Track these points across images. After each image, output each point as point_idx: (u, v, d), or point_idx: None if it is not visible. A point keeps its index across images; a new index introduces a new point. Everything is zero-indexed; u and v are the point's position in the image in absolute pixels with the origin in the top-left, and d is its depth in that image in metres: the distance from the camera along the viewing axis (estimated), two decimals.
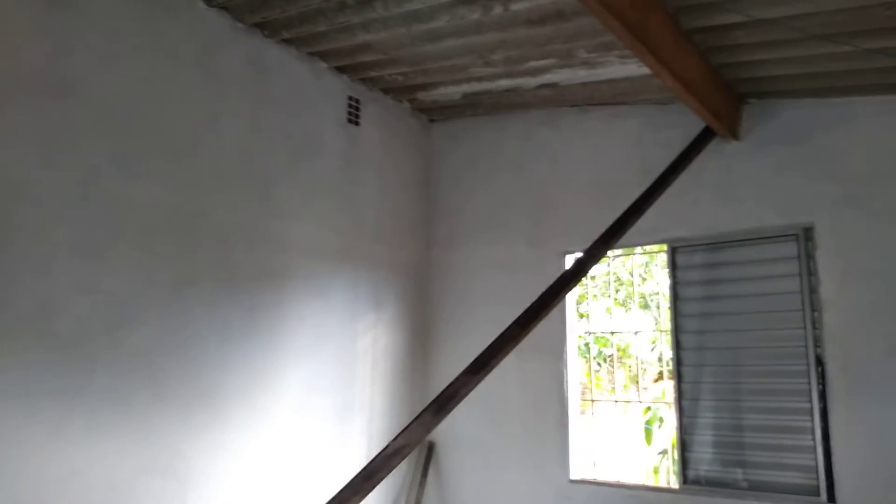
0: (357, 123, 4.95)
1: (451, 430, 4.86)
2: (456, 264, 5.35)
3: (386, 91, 5.16)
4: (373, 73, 4.85)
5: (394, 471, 2.91)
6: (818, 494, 3.69)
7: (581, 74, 4.39)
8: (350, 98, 4.91)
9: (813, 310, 3.85)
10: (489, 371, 3.12)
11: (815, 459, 3.73)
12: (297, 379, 4.30)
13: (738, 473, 3.97)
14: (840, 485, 3.63)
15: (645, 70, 3.55)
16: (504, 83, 4.71)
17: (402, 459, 2.86)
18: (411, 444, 2.87)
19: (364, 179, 4.99)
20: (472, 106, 5.24)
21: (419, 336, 5.32)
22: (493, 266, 5.13)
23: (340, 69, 4.80)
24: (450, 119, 5.59)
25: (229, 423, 3.84)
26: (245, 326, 4.00)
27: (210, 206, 3.89)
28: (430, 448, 5.13)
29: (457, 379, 3.05)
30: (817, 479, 3.71)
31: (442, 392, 3.02)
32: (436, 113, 5.55)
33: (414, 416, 3.00)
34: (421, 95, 5.20)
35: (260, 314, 4.10)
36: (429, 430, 2.95)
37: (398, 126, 5.38)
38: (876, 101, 3.78)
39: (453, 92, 5.03)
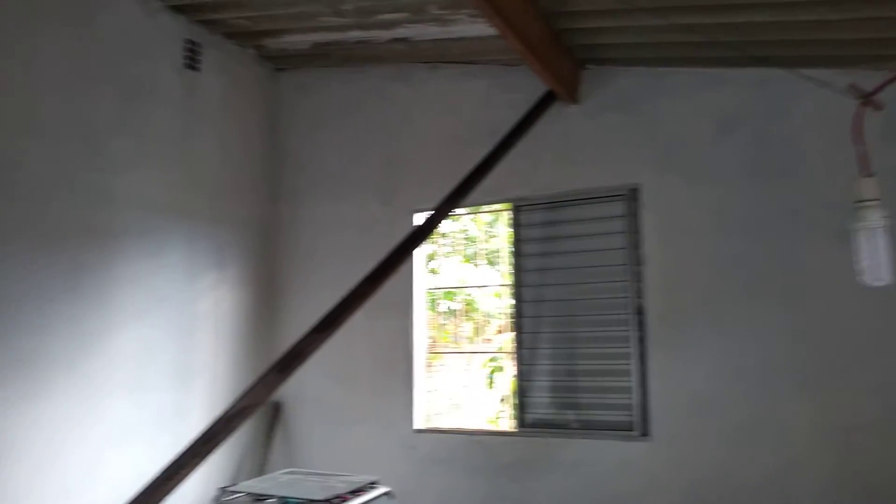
0: (196, 69, 4.63)
1: (300, 389, 4.83)
2: (305, 220, 5.24)
3: (229, 36, 4.87)
4: (214, 16, 4.55)
5: (239, 433, 2.86)
6: (633, 430, 4.11)
7: (432, 31, 4.40)
8: (188, 41, 4.57)
9: (636, 264, 4.21)
10: (337, 328, 3.11)
11: (633, 399, 4.14)
12: (130, 343, 4.05)
13: (570, 415, 4.32)
14: (653, 419, 4.06)
15: (494, 31, 3.62)
16: (355, 34, 4.60)
17: (245, 421, 2.80)
18: (255, 405, 2.82)
19: (204, 129, 4.71)
20: (323, 56, 5.09)
21: (266, 295, 5.19)
22: (344, 223, 5.08)
23: (177, 9, 4.45)
24: (299, 69, 5.39)
25: (52, 393, 3.55)
26: (69, 287, 3.69)
27: (25, 154, 3.50)
28: (277, 408, 5.07)
29: (303, 337, 3.02)
30: (634, 416, 4.12)
31: (287, 351, 2.98)
32: (284, 62, 5.33)
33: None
34: (267, 42, 4.97)
35: (86, 274, 3.79)
36: (273, 390, 2.91)
37: (242, 74, 5.10)
38: (692, 72, 4.14)
39: (302, 41, 4.84)
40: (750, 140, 3.99)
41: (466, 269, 8.43)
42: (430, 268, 5.90)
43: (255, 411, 2.90)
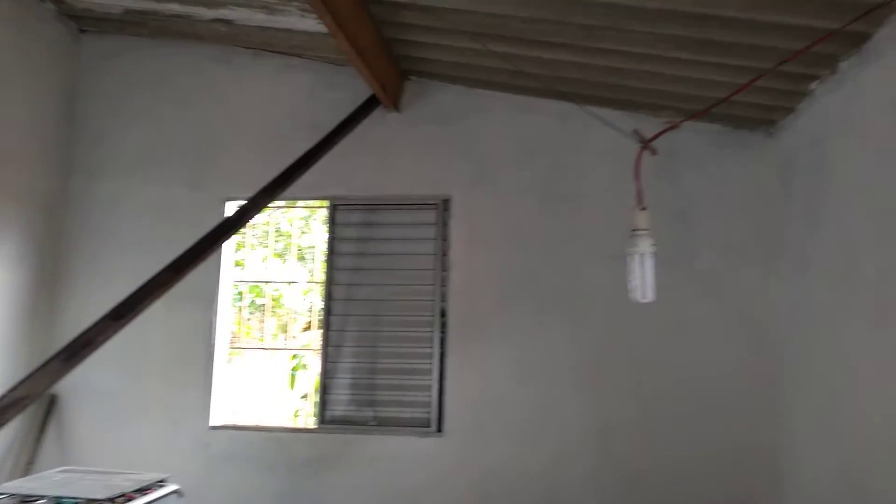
0: None
1: (81, 381, 4.42)
2: (102, 199, 4.82)
3: None
4: None
5: (4, 428, 2.58)
6: (430, 426, 4.34)
7: (259, 17, 4.30)
8: None
9: (443, 269, 4.46)
10: (134, 317, 2.94)
11: (431, 397, 4.37)
12: None
13: (369, 412, 4.44)
14: (447, 417, 4.32)
15: (323, 28, 3.64)
16: (174, 7, 4.36)
17: (20, 412, 2.55)
18: (33, 396, 2.58)
19: None
20: (136, 25, 4.73)
21: (48, 277, 4.69)
22: (146, 205, 4.75)
23: None
24: (107, 34, 4.96)
25: None
26: None
27: None
28: (52, 401, 4.60)
29: (94, 325, 2.82)
30: (431, 413, 4.35)
31: (76, 338, 2.76)
32: (89, 23, 4.87)
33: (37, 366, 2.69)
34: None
35: None
36: (56, 379, 2.68)
37: (38, 29, 4.59)
38: (505, 97, 4.49)
39: (113, 4, 4.48)
40: (549, 165, 4.42)
41: (275, 264, 8.27)
42: (237, 260, 5.72)
43: (32, 402, 2.64)
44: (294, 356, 7.89)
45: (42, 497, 2.73)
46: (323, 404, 4.50)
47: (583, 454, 4.18)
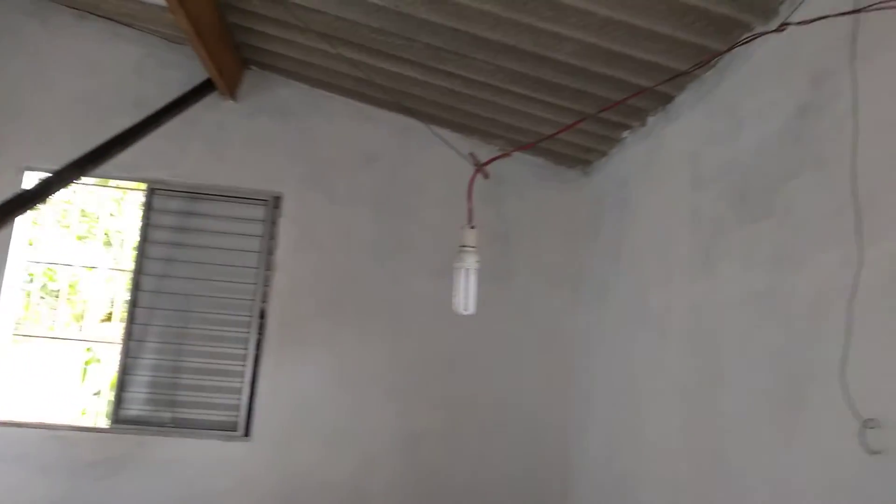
0: None
1: None
2: None
3: None
4: None
5: None
6: (236, 430, 4.17)
7: None
8: None
9: (267, 269, 4.33)
10: None
11: (241, 400, 4.21)
12: None
13: (169, 412, 4.17)
14: (257, 421, 4.18)
15: (161, 1, 3.42)
16: None
17: None
18: None
19: None
20: None
21: None
22: None
23: None
24: None
25: None
26: None
27: None
28: None
29: None
30: (239, 416, 4.19)
31: None
32: None
33: None
34: None
35: None
36: None
37: None
38: (349, 102, 4.50)
39: None
40: (386, 176, 4.48)
41: (76, 246, 7.50)
42: (31, 238, 5.12)
43: None
44: (88, 349, 7.18)
45: None
46: (118, 402, 4.15)
47: (390, 461, 4.25)
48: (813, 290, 2.27)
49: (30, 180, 4.14)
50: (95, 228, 7.74)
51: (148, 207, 4.34)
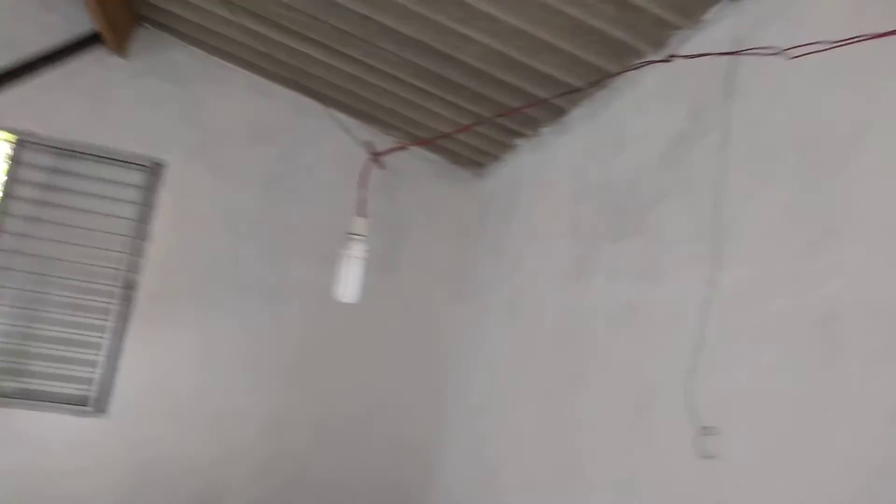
0: None
1: None
2: None
3: None
4: None
5: None
6: (87, 405, 3.92)
7: None
8: None
9: (140, 239, 4.10)
10: None
11: (96, 373, 3.96)
12: None
13: (15, 382, 3.86)
14: (115, 397, 3.95)
15: None
16: None
17: None
18: None
19: None
20: None
21: None
22: None
23: None
24: None
25: None
26: None
27: None
28: None
29: None
30: (92, 390, 3.94)
31: None
32: None
33: None
34: None
35: None
36: None
37: None
38: (248, 76, 4.34)
39: None
40: (278, 155, 4.37)
41: None
42: None
43: None
44: None
45: None
46: None
47: (254, 448, 4.15)
48: (670, 306, 2.45)
49: None
50: None
51: (15, 161, 3.99)
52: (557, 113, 3.57)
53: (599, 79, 3.05)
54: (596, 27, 2.76)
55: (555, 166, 3.62)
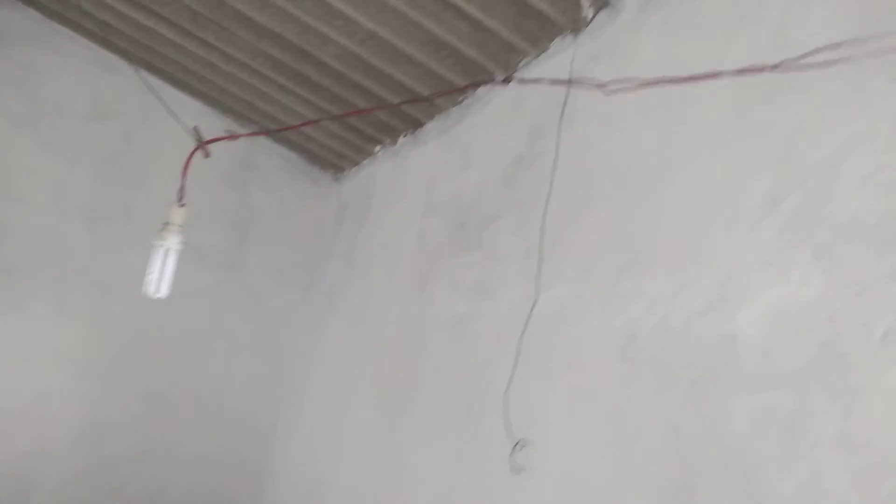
0: None
1: None
2: None
3: None
4: None
5: None
6: None
7: None
8: None
9: None
10: None
11: None
12: None
13: None
14: None
15: None
16: None
17: None
18: None
19: None
20: None
21: None
22: None
23: None
24: None
25: None
26: None
27: None
28: None
29: None
30: None
31: None
32: None
33: None
34: None
35: None
36: None
37: None
38: (90, 46, 3.98)
39: None
40: (118, 135, 4.06)
41: None
42: None
43: None
44: None
45: None
46: None
47: (67, 451, 3.80)
48: (498, 321, 2.51)
49: None
50: None
51: None
52: (414, 124, 3.59)
53: (453, 94, 3.10)
54: (449, 42, 2.80)
55: (409, 177, 3.63)
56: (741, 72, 1.56)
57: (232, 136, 2.82)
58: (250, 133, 3.80)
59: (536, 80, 2.10)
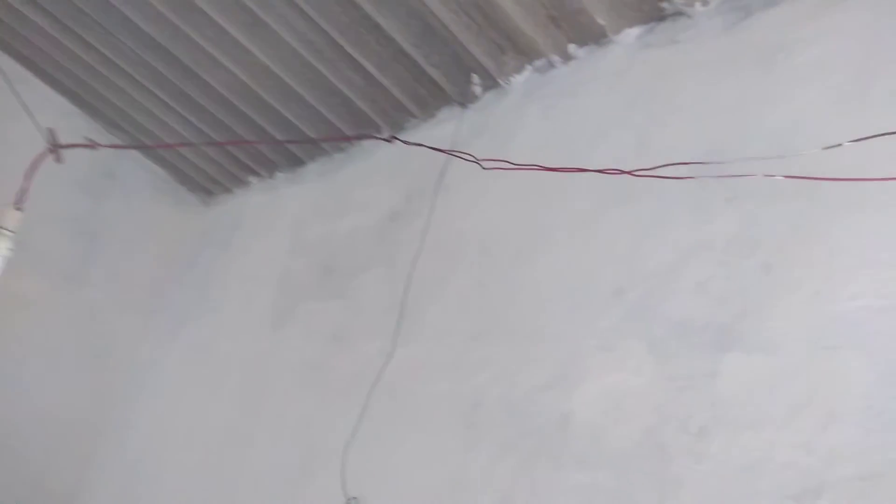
0: None
1: None
2: None
3: None
4: None
5: None
6: None
7: None
8: None
9: None
10: None
11: None
12: None
13: None
14: None
15: None
16: None
17: None
18: None
19: None
20: None
21: None
22: None
23: None
24: None
25: None
26: None
27: None
28: None
29: None
30: None
31: None
32: None
33: None
34: None
35: None
36: None
37: None
38: None
39: None
40: None
41: None
42: None
43: None
44: None
45: None
46: None
47: None
48: (351, 372, 2.49)
49: None
50: None
51: None
52: (295, 162, 3.56)
53: (336, 141, 3.12)
54: (342, 91, 2.84)
55: (280, 213, 3.56)
56: (603, 171, 1.71)
57: (91, 145, 2.61)
58: (113, 145, 3.58)
59: (419, 145, 2.17)
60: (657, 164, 1.69)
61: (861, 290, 1.35)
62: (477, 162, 1.96)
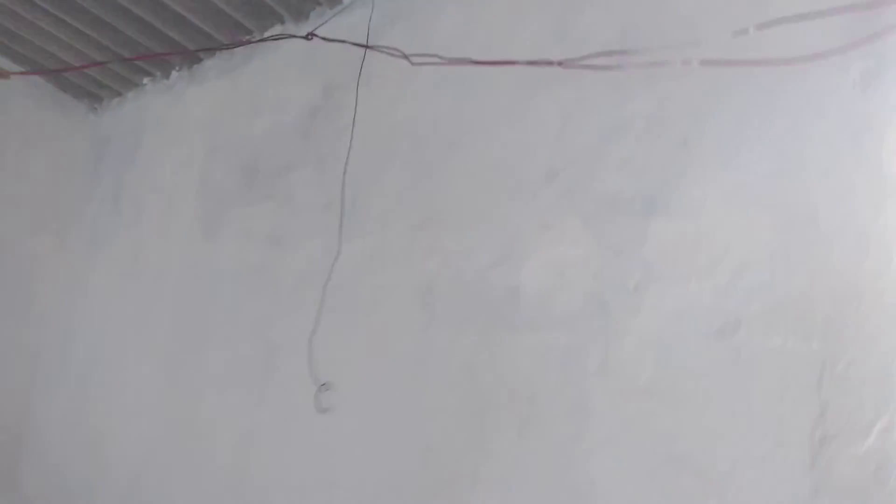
0: None
1: None
2: None
3: None
4: None
5: None
6: None
7: None
8: None
9: None
10: None
11: None
12: None
13: None
14: None
15: None
16: None
17: None
18: None
19: None
20: None
21: None
22: None
23: None
24: None
25: None
26: None
27: None
28: None
29: None
30: None
31: None
32: None
33: None
34: None
35: None
36: None
37: None
38: None
39: None
40: None
41: None
42: None
43: None
44: None
45: None
46: None
47: None
48: (298, 271, 2.59)
49: None
50: None
51: None
52: (192, 59, 3.37)
53: (239, 39, 2.98)
54: None
55: (185, 117, 3.42)
56: (532, 63, 1.80)
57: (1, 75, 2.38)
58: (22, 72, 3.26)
59: (341, 41, 2.14)
60: (576, 52, 1.80)
61: (761, 156, 1.57)
62: (406, 57, 1.99)
